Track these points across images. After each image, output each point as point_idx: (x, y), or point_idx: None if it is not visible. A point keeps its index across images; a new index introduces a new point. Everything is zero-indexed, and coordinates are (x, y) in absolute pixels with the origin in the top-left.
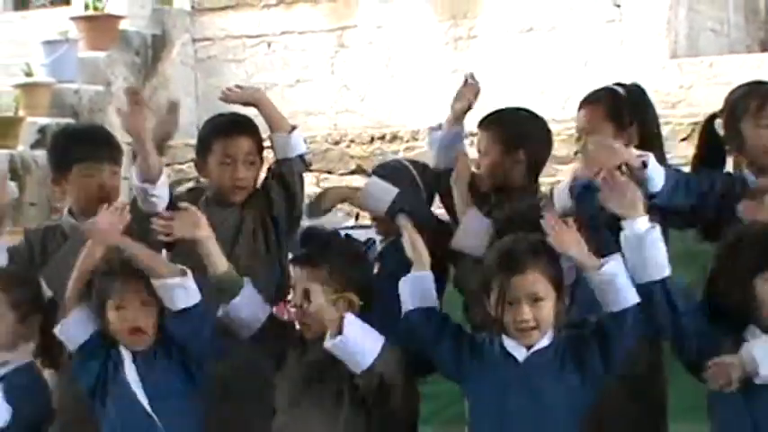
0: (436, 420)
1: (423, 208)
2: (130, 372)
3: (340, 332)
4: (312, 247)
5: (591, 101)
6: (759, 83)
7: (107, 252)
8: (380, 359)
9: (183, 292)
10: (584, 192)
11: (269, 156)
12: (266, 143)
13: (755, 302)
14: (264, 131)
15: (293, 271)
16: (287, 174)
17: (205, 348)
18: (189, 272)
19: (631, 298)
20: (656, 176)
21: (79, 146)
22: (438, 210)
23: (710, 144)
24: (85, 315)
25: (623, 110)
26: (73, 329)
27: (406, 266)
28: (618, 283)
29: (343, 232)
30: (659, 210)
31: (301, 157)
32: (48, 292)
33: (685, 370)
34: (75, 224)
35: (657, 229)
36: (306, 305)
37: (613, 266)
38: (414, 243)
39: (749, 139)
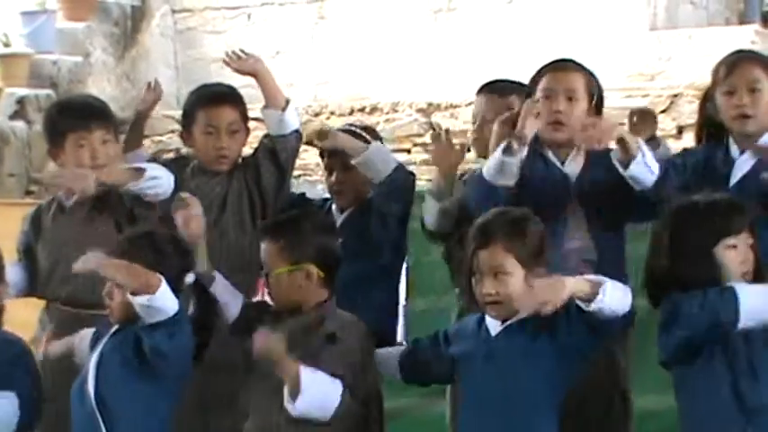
0: (417, 392)
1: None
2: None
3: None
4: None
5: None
6: (735, 52)
7: None
8: (340, 409)
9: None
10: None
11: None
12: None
13: (718, 271)
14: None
15: None
16: (280, 150)
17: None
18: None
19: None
20: (650, 171)
21: (68, 117)
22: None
23: (708, 121)
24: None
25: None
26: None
27: (364, 242)
28: None
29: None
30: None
31: (297, 131)
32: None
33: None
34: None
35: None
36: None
37: None
38: None
39: (720, 108)
